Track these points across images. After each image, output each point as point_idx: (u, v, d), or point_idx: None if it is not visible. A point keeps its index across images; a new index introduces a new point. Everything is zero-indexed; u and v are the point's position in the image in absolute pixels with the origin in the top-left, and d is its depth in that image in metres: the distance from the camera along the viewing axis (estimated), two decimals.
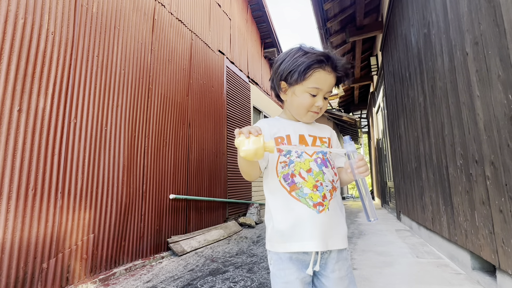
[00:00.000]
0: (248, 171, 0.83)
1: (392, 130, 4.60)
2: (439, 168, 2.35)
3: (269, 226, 0.86)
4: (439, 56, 2.18)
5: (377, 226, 4.22)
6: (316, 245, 0.78)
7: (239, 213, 4.96)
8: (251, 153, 0.67)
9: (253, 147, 0.67)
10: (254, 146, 0.67)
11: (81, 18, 2.28)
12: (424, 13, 2.47)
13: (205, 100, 4.11)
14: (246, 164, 0.80)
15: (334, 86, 0.89)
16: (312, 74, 0.81)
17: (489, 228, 1.58)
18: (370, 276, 2.01)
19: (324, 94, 0.85)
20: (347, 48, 6.20)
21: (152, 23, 3.14)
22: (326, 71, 0.83)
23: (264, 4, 6.37)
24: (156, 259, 2.77)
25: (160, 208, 3.00)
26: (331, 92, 0.88)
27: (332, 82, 0.86)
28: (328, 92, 0.86)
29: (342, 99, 9.50)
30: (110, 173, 2.44)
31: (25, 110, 1.84)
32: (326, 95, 0.87)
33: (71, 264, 2.04)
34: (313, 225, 0.79)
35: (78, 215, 2.13)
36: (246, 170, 0.83)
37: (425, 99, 2.60)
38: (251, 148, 0.67)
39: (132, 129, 2.72)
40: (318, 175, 0.82)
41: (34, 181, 1.85)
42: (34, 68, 1.91)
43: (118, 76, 2.62)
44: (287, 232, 0.81)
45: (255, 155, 0.67)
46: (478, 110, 1.61)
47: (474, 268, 1.88)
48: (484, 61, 1.51)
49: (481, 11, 1.50)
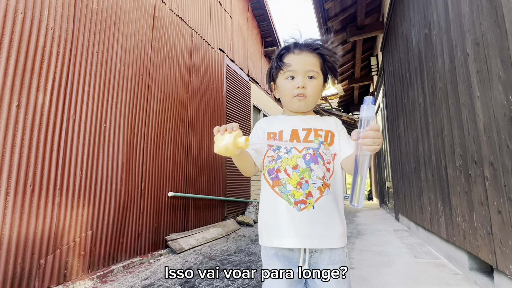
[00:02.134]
0: (241, 167, 0.84)
1: (392, 130, 4.61)
2: (438, 169, 2.36)
3: (258, 220, 0.89)
4: (439, 56, 2.18)
5: (375, 226, 4.23)
6: (293, 242, 0.78)
7: (237, 212, 4.96)
8: (222, 149, 0.70)
9: (223, 144, 0.70)
10: (224, 143, 0.70)
11: (81, 14, 2.26)
12: (426, 13, 2.47)
13: (205, 98, 4.10)
14: (236, 160, 0.81)
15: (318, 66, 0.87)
16: (283, 60, 0.87)
17: (487, 229, 1.58)
18: (368, 275, 2.02)
19: (305, 74, 0.85)
20: (347, 47, 6.19)
21: (153, 20, 3.13)
22: (295, 53, 0.87)
23: (265, 3, 6.35)
24: (154, 256, 2.77)
25: (158, 205, 3.00)
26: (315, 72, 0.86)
27: (306, 59, 0.86)
28: (307, 71, 0.85)
29: (342, 99, 9.50)
30: (109, 170, 2.44)
31: (24, 105, 1.83)
32: (309, 74, 0.85)
33: (69, 260, 2.04)
34: (292, 222, 0.79)
35: (76, 212, 2.12)
36: (239, 166, 0.84)
37: (425, 100, 2.60)
38: (221, 145, 0.70)
39: (131, 126, 2.71)
40: (304, 172, 0.81)
41: (32, 177, 1.84)
42: (33, 63, 1.90)
43: (118, 72, 2.61)
44: (270, 226, 0.82)
45: (225, 151, 0.70)
46: (478, 111, 1.61)
47: (472, 269, 1.89)
48: (485, 61, 1.51)
49: (483, 11, 1.50)
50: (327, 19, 4.92)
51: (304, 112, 0.92)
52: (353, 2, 4.75)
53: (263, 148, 0.88)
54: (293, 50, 0.87)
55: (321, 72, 0.88)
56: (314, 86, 0.86)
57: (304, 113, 0.92)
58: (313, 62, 0.86)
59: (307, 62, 0.85)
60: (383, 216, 5.41)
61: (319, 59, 0.88)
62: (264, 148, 0.88)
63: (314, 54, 0.87)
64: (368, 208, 7.45)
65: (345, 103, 10.04)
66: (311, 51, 0.87)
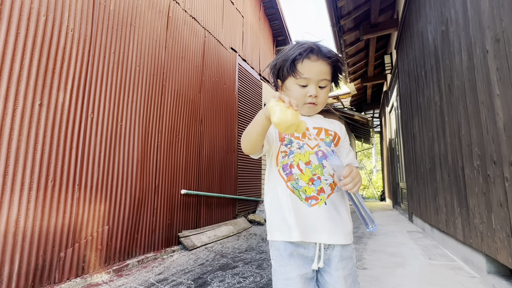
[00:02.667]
0: (253, 141, 0.79)
1: (406, 130, 4.51)
2: (454, 169, 2.30)
3: (267, 216, 0.88)
4: (457, 54, 2.12)
5: (388, 227, 4.16)
6: (304, 237, 0.78)
7: (248, 210, 4.98)
8: (287, 124, 0.64)
9: (291, 119, 0.64)
10: (292, 119, 0.64)
11: (99, 16, 2.33)
12: (443, 10, 2.41)
13: (217, 97, 4.14)
14: (256, 132, 0.76)
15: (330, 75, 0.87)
16: (297, 65, 0.84)
17: (507, 231, 1.53)
18: (381, 276, 1.99)
19: (317, 83, 0.84)
20: (360, 46, 6.10)
21: (167, 20, 3.18)
22: (311, 59, 0.84)
23: (277, 2, 6.34)
24: (167, 252, 2.83)
25: (171, 202, 3.05)
26: (327, 80, 0.86)
27: (322, 69, 0.84)
28: (320, 80, 0.84)
29: (354, 98, 9.37)
30: (125, 167, 2.51)
31: (45, 104, 1.90)
32: (322, 84, 0.85)
33: (87, 254, 2.11)
34: (302, 218, 0.79)
35: (93, 207, 2.19)
36: (252, 139, 0.79)
37: (441, 98, 2.54)
38: (289, 120, 0.64)
39: (146, 125, 2.77)
40: (317, 168, 0.82)
41: (53, 173, 1.92)
42: (54, 64, 1.97)
43: (134, 72, 2.67)
44: (279, 222, 0.82)
45: (287, 128, 0.65)
46: (498, 109, 1.57)
47: (490, 272, 1.84)
48: (505, 59, 1.46)
49: (504, 6, 1.46)
50: (340, 17, 4.87)
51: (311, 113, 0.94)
52: (366, 0, 4.68)
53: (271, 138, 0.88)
54: (309, 56, 0.84)
55: (330, 79, 0.89)
56: (324, 94, 0.87)
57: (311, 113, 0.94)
58: (327, 71, 0.86)
59: (322, 71, 0.85)
60: (396, 217, 5.32)
61: (331, 68, 0.88)
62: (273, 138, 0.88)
63: (328, 62, 0.86)
64: (381, 209, 7.32)
65: (357, 102, 9.90)
66: (327, 59, 0.85)
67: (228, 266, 2.38)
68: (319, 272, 0.83)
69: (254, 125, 0.76)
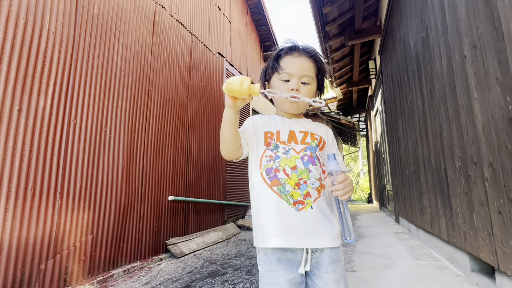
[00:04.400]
0: (228, 139, 0.82)
1: (391, 133, 4.63)
2: (437, 171, 2.37)
3: (253, 221, 0.87)
4: (437, 59, 2.20)
5: (376, 229, 4.22)
6: (292, 242, 0.78)
7: (237, 216, 4.94)
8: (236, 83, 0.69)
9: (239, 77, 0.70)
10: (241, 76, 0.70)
11: (82, 19, 2.28)
12: (423, 17, 2.50)
13: (204, 102, 4.12)
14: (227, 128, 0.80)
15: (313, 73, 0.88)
16: (280, 61, 0.88)
17: (488, 229, 1.59)
18: (370, 278, 2.01)
19: (300, 78, 0.86)
20: (345, 51, 6.24)
21: (153, 25, 3.15)
22: (293, 55, 0.88)
23: (264, 8, 6.42)
24: (154, 261, 2.75)
25: (159, 209, 2.99)
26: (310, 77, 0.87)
27: (303, 64, 0.87)
28: (303, 75, 0.86)
29: (341, 102, 9.54)
30: (109, 174, 2.44)
31: (25, 110, 1.83)
32: (304, 80, 0.87)
33: (69, 265, 2.03)
34: (291, 223, 0.79)
35: (76, 216, 2.11)
36: (226, 138, 0.82)
37: (424, 102, 2.62)
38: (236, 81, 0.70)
39: (131, 130, 2.72)
40: (303, 173, 0.82)
41: (33, 181, 1.84)
42: (34, 68, 1.91)
43: (118, 77, 2.62)
44: (266, 227, 0.81)
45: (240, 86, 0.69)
46: (477, 112, 1.63)
47: (473, 270, 1.89)
48: (482, 64, 1.53)
49: (479, 14, 1.53)
50: (325, 23, 4.97)
51: (297, 115, 0.95)
52: (350, 7, 4.81)
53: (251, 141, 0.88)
54: (291, 53, 0.88)
55: (315, 78, 0.90)
56: (307, 91, 0.87)
57: (297, 115, 0.95)
58: (309, 67, 0.88)
59: (304, 66, 0.87)
60: (383, 219, 5.41)
61: (314, 66, 0.89)
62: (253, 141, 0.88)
63: (310, 60, 0.89)
64: (368, 211, 7.44)
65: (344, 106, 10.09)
66: (308, 56, 0.88)
67: (217, 273, 2.34)
68: (309, 277, 0.83)
69: (224, 121, 0.81)
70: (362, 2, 4.57)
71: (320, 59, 0.91)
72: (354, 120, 9.35)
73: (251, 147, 0.89)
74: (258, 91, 0.71)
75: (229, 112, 0.79)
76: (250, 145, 0.88)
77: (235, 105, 0.77)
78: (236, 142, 0.84)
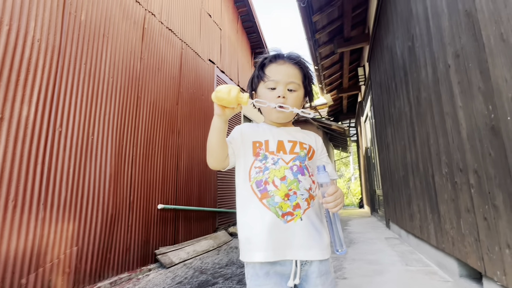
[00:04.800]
0: (215, 149, 0.80)
1: (380, 139, 4.69)
2: (425, 177, 2.40)
3: (239, 234, 0.85)
4: (423, 67, 2.25)
5: (367, 234, 4.24)
6: (279, 255, 0.77)
7: (229, 223, 4.89)
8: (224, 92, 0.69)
9: (227, 86, 0.70)
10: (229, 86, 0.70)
11: (69, 26, 2.25)
12: (408, 26, 2.56)
13: (195, 109, 4.10)
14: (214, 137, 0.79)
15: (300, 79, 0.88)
16: (265, 70, 0.88)
17: (475, 235, 1.61)
18: (361, 285, 2.01)
19: (286, 85, 0.85)
20: (335, 58, 6.34)
21: (142, 31, 3.13)
22: (278, 63, 0.88)
23: (254, 15, 6.48)
24: (143, 271, 2.68)
25: (147, 218, 2.93)
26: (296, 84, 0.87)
27: (289, 71, 0.87)
28: (289, 82, 0.86)
29: (331, 108, 9.66)
30: (96, 183, 2.38)
31: (7, 118, 1.78)
32: (291, 86, 0.86)
33: (53, 278, 1.95)
34: (278, 235, 0.78)
35: (61, 227, 2.05)
36: (213, 147, 0.80)
37: (411, 109, 2.67)
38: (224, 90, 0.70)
39: (120, 138, 2.67)
40: (292, 183, 0.81)
41: (14, 192, 1.78)
42: (18, 76, 1.86)
43: (106, 84, 2.58)
44: (254, 240, 0.79)
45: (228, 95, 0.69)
46: (461, 120, 1.66)
47: (462, 276, 1.91)
48: (465, 73, 1.57)
49: (461, 25, 1.57)
50: (315, 31, 5.05)
51: (285, 124, 0.94)
52: (339, 15, 4.91)
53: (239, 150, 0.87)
54: (276, 61, 0.88)
55: (302, 85, 0.89)
56: (294, 98, 0.87)
57: (285, 124, 0.94)
58: (295, 74, 0.88)
59: (289, 73, 0.87)
60: (374, 224, 5.44)
61: (300, 72, 0.89)
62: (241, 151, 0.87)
63: (296, 67, 0.88)
64: (360, 216, 7.48)
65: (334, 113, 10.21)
66: (293, 63, 0.88)
67: (208, 283, 2.30)
68: None
69: (212, 130, 0.79)
70: (351, 11, 4.67)
71: (305, 65, 0.91)
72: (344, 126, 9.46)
73: (238, 157, 0.87)
74: (246, 100, 0.71)
75: (218, 121, 0.78)
76: (237, 154, 0.87)
77: (223, 113, 0.76)
78: (223, 152, 0.82)
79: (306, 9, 4.49)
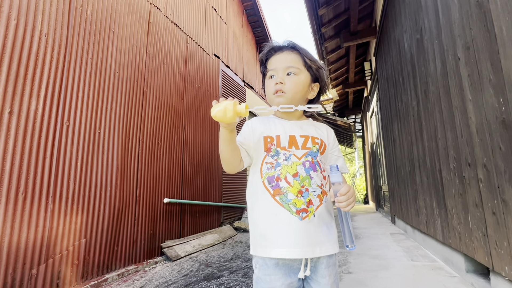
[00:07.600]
0: (228, 157, 0.80)
1: (386, 134, 4.65)
2: (432, 172, 2.38)
3: (251, 230, 0.84)
4: (431, 61, 2.21)
5: (372, 229, 4.23)
6: (297, 252, 0.77)
7: (234, 217, 4.92)
8: (221, 111, 0.69)
9: (222, 106, 0.69)
10: (224, 104, 0.69)
11: (75, 20, 2.26)
12: (417, 19, 2.51)
13: (200, 104, 4.10)
14: (225, 147, 0.78)
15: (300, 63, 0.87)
16: (267, 64, 0.92)
17: (483, 230, 1.59)
18: (365, 279, 2.01)
19: (284, 71, 0.86)
20: (341, 53, 6.27)
21: (148, 26, 3.13)
22: (276, 54, 0.90)
23: (260, 10, 6.42)
24: (149, 264, 2.72)
25: (154, 212, 2.96)
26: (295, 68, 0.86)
27: (285, 57, 0.88)
28: (287, 67, 0.86)
29: (337, 104, 9.58)
30: (103, 177, 2.41)
31: (16, 112, 1.80)
32: (289, 71, 0.86)
33: (62, 269, 1.99)
34: (295, 232, 0.77)
35: (69, 220, 2.08)
36: (226, 156, 0.80)
37: (419, 103, 2.63)
38: (220, 107, 0.69)
39: (126, 132, 2.69)
40: (305, 180, 0.80)
41: (24, 184, 1.81)
42: (26, 70, 1.88)
43: (113, 78, 2.60)
44: (269, 237, 0.79)
45: (224, 114, 0.68)
46: (470, 113, 1.64)
47: (468, 271, 1.90)
48: (475, 65, 1.54)
49: (472, 17, 1.54)
50: (321, 25, 4.98)
51: (297, 116, 0.92)
52: (346, 9, 4.83)
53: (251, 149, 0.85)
54: (274, 53, 0.91)
55: (304, 68, 0.87)
56: (293, 81, 0.85)
57: (297, 117, 0.92)
58: (293, 59, 0.87)
59: (286, 59, 0.87)
60: (379, 220, 5.42)
61: (300, 57, 0.88)
62: (252, 148, 0.85)
63: (294, 51, 0.89)
64: (365, 212, 7.46)
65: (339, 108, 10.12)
66: (290, 49, 0.89)
67: (213, 276, 2.32)
68: (306, 281, 0.82)
69: (221, 140, 0.78)
70: (357, 4, 4.59)
71: (301, 48, 0.90)
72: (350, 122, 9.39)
73: (252, 155, 0.86)
74: (246, 111, 0.70)
75: (224, 132, 0.76)
76: (252, 155, 0.85)
77: (227, 126, 0.74)
78: (237, 158, 0.82)
79: (312, 3, 4.43)
